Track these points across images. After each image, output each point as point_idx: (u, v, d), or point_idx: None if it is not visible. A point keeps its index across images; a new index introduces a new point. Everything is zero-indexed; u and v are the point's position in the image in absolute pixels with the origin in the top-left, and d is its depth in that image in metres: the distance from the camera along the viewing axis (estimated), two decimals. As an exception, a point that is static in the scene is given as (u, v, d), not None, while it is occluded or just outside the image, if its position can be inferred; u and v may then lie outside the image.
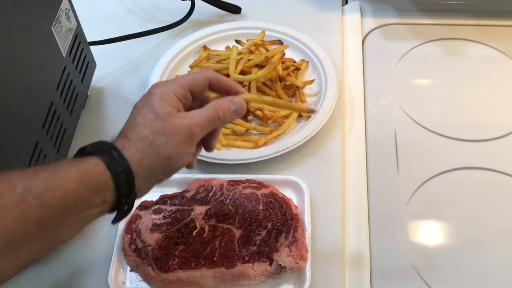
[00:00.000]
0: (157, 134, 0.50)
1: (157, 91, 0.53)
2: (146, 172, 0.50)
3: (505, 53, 0.89)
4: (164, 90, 0.53)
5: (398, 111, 0.81)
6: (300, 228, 0.64)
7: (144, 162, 0.49)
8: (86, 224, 0.48)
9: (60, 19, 0.69)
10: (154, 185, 0.52)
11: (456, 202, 0.71)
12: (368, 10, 0.98)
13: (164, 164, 0.51)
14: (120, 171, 0.48)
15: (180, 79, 0.54)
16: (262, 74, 0.76)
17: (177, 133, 0.51)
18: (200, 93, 0.56)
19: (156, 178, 0.52)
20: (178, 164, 0.52)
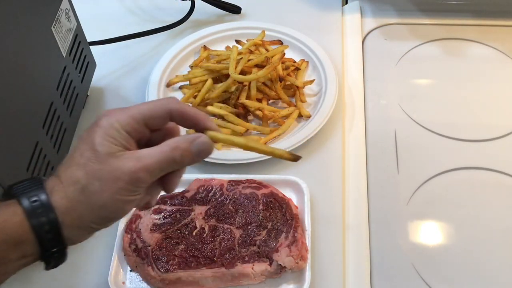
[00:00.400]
0: (92, 178, 0.42)
1: (103, 122, 0.44)
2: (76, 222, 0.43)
3: (505, 53, 0.89)
4: (112, 123, 0.44)
5: (398, 111, 0.81)
6: (300, 228, 0.64)
7: (73, 212, 0.42)
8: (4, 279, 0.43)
9: (60, 19, 0.69)
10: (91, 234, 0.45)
11: (456, 202, 0.71)
12: (368, 10, 0.98)
13: (97, 214, 0.44)
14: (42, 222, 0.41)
15: (134, 109, 0.46)
16: (262, 74, 0.76)
17: (116, 179, 0.43)
18: (159, 126, 0.47)
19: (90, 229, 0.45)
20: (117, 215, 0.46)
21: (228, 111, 0.77)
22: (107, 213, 0.45)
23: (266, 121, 0.77)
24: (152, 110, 0.46)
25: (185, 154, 0.45)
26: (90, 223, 0.44)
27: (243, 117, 0.78)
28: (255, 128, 0.76)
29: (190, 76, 0.82)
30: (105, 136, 0.43)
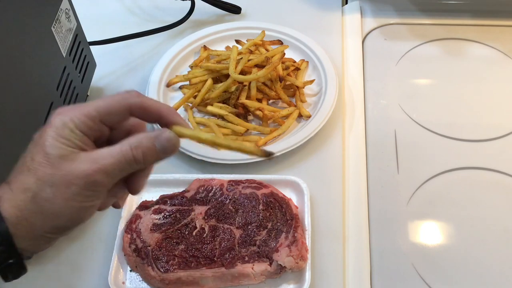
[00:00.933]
0: (43, 184, 0.39)
1: (56, 122, 0.41)
2: (29, 232, 0.40)
3: (505, 53, 0.89)
4: (65, 122, 0.41)
5: (398, 111, 0.81)
6: (300, 228, 0.64)
7: (24, 221, 0.39)
8: None
9: (60, 19, 0.69)
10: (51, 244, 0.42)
11: (456, 202, 0.71)
12: (368, 10, 0.98)
13: (51, 224, 0.41)
14: None
15: (89, 105, 0.42)
16: (262, 74, 0.76)
17: (69, 184, 0.40)
18: (118, 123, 0.44)
19: (46, 238, 0.41)
20: (73, 223, 0.42)
21: (228, 111, 0.77)
22: (62, 222, 0.41)
23: (266, 121, 0.77)
24: (108, 106, 0.42)
25: (148, 152, 0.42)
26: (44, 233, 0.41)
27: (243, 117, 0.78)
28: (255, 128, 0.76)
29: (190, 76, 0.82)
30: (57, 137, 0.40)
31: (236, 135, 0.76)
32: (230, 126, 0.76)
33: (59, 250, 0.67)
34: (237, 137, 0.76)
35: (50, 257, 0.66)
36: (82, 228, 0.69)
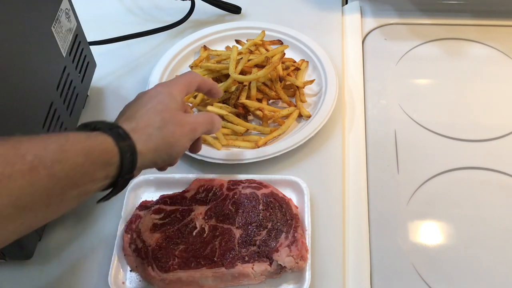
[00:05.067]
0: (167, 122, 0.55)
1: (164, 90, 0.58)
2: (151, 153, 0.53)
3: (505, 53, 0.89)
4: (171, 91, 0.58)
5: (398, 111, 0.81)
6: (300, 228, 0.64)
7: (150, 144, 0.53)
8: (85, 198, 0.48)
9: (60, 19, 0.69)
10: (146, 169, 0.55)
11: (456, 202, 0.71)
12: (368, 10, 0.98)
13: (166, 151, 0.55)
14: (127, 149, 0.50)
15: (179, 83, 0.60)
16: (262, 74, 0.76)
17: (183, 125, 0.57)
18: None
19: (154, 162, 0.55)
20: (177, 155, 0.58)
21: (228, 111, 0.77)
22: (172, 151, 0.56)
23: (266, 121, 0.77)
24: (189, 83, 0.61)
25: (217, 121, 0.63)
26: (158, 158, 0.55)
27: (243, 117, 0.78)
28: (255, 128, 0.76)
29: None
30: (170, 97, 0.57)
31: (236, 135, 0.76)
32: (230, 126, 0.76)
33: (59, 250, 0.67)
34: (237, 137, 0.76)
35: (50, 257, 0.66)
36: (82, 228, 0.69)
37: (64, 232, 0.69)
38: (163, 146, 0.55)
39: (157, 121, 0.54)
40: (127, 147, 0.50)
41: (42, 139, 0.45)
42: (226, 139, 0.75)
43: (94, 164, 0.47)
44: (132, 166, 0.51)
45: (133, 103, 0.58)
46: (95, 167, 0.48)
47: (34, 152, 0.43)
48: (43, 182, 0.43)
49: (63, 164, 0.44)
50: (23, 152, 0.43)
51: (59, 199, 0.45)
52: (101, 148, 0.48)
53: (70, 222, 0.70)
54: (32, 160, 0.42)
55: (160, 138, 0.54)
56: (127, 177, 0.51)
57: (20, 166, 0.42)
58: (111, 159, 0.49)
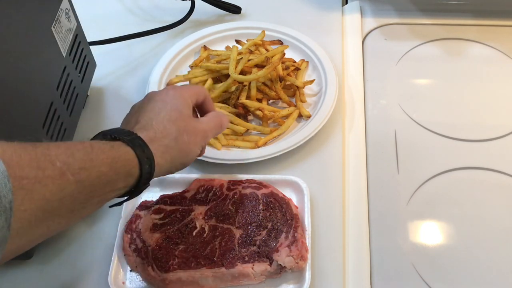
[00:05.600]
0: (182, 132, 0.56)
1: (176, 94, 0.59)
2: (167, 164, 0.55)
3: (505, 53, 0.89)
4: (183, 94, 0.60)
5: (398, 111, 0.81)
6: (300, 228, 0.64)
7: (167, 155, 0.55)
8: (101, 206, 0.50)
9: (60, 19, 0.69)
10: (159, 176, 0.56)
11: (456, 202, 0.71)
12: (368, 10, 0.98)
13: (180, 160, 0.57)
14: (146, 162, 0.52)
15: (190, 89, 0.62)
16: (262, 74, 0.76)
17: (197, 134, 0.58)
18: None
19: (168, 171, 0.57)
20: (189, 162, 0.59)
21: (228, 111, 0.77)
22: (187, 160, 0.58)
23: (266, 121, 0.77)
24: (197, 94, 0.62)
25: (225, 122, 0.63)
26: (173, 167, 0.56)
27: (243, 117, 0.78)
28: (255, 128, 0.76)
29: (190, 76, 0.82)
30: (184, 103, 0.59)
31: (236, 135, 0.76)
32: (230, 126, 0.76)
33: (59, 250, 0.67)
34: (237, 137, 0.76)
35: (50, 257, 0.66)
36: (82, 228, 0.69)
37: (64, 232, 0.69)
38: (178, 157, 0.56)
39: (173, 131, 0.56)
40: (146, 159, 0.52)
41: (69, 147, 0.47)
42: (226, 139, 0.75)
43: (117, 174, 0.49)
44: (149, 177, 0.53)
45: (145, 107, 0.58)
46: (117, 177, 0.49)
47: (62, 159, 0.44)
48: (70, 189, 0.44)
49: (89, 172, 0.46)
50: (52, 158, 0.44)
51: (82, 205, 0.47)
52: (123, 159, 0.50)
53: (70, 222, 0.70)
54: (61, 167, 0.44)
55: (176, 149, 0.56)
56: (143, 188, 0.53)
57: (50, 171, 0.43)
58: (131, 170, 0.51)
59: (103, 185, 0.48)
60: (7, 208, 0.38)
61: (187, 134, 0.57)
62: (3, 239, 0.39)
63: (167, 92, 0.60)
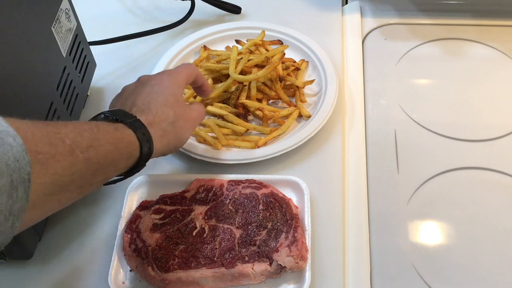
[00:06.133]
0: (178, 117, 0.60)
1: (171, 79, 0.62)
2: (164, 147, 0.59)
3: (505, 53, 0.89)
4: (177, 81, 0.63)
5: (398, 111, 0.81)
6: (300, 228, 0.64)
7: (164, 139, 0.58)
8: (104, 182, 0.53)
9: (60, 19, 0.69)
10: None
11: (456, 202, 0.71)
12: (368, 10, 0.98)
13: (175, 143, 0.61)
14: (145, 145, 0.55)
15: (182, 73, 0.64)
16: (262, 74, 0.76)
17: (189, 120, 0.63)
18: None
19: (163, 154, 0.60)
20: (181, 146, 0.64)
21: (228, 111, 0.77)
22: (179, 144, 0.63)
23: (266, 121, 0.77)
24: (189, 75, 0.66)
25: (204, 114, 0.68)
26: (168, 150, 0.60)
27: (243, 117, 0.78)
28: (255, 128, 0.76)
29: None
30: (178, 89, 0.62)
31: (236, 135, 0.76)
32: (230, 126, 0.76)
33: (59, 250, 0.67)
34: (237, 137, 0.76)
35: (50, 257, 0.66)
36: (82, 228, 0.69)
37: (64, 232, 0.69)
38: (173, 140, 0.60)
39: (170, 116, 0.59)
40: (146, 142, 0.55)
41: (76, 126, 0.49)
42: (226, 139, 0.75)
43: (121, 154, 0.53)
44: (147, 159, 0.56)
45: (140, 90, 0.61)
46: (120, 157, 0.53)
47: (72, 137, 0.47)
48: (80, 165, 0.47)
49: (96, 150, 0.49)
50: (62, 136, 0.46)
51: (89, 182, 0.50)
52: (126, 140, 0.53)
53: (70, 222, 0.70)
54: (71, 144, 0.46)
55: (173, 133, 0.59)
56: (139, 169, 0.57)
57: (61, 148, 0.45)
58: (133, 151, 0.54)
59: (108, 164, 0.51)
60: (25, 179, 0.40)
61: (182, 119, 0.61)
62: (21, 209, 0.41)
63: (161, 77, 0.62)
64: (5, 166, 0.39)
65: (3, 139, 0.39)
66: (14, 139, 0.40)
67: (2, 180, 0.38)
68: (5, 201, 0.39)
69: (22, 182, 0.40)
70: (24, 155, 0.40)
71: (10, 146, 0.40)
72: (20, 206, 0.40)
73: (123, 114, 0.56)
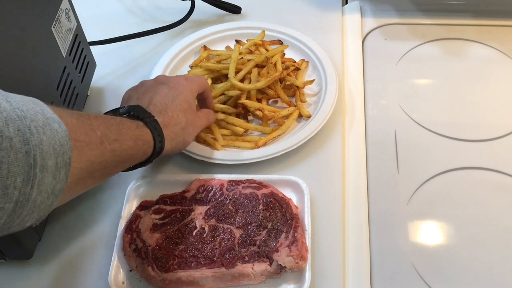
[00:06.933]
0: (189, 124, 0.64)
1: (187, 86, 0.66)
2: (171, 149, 0.62)
3: (505, 53, 0.89)
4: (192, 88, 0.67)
5: (398, 111, 0.81)
6: (300, 228, 0.64)
7: (173, 142, 0.62)
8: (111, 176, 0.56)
9: (60, 19, 0.69)
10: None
11: (456, 202, 0.71)
12: (368, 10, 0.98)
13: (180, 147, 0.64)
14: (158, 144, 0.59)
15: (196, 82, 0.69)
16: (260, 86, 0.76)
17: (197, 127, 0.67)
18: None
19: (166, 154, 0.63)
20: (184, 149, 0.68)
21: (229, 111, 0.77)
22: (183, 147, 0.66)
23: (266, 121, 0.77)
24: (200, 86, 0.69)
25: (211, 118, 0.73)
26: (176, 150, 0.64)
27: (243, 117, 0.78)
28: (257, 129, 0.76)
29: (190, 75, 0.82)
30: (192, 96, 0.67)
31: (236, 136, 0.76)
32: (231, 127, 0.76)
33: (59, 250, 0.67)
34: (237, 138, 0.76)
35: (50, 257, 0.66)
36: (82, 228, 0.69)
37: (64, 232, 0.69)
38: (180, 144, 0.64)
39: (183, 121, 0.63)
40: (159, 142, 0.59)
41: (105, 120, 0.53)
42: (226, 140, 0.75)
43: (138, 150, 0.56)
44: (156, 157, 0.60)
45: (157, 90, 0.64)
46: (138, 153, 0.57)
47: (101, 129, 0.51)
48: (107, 156, 0.51)
49: (120, 144, 0.53)
50: (94, 127, 0.50)
51: (110, 172, 0.54)
52: (144, 138, 0.57)
53: (70, 222, 0.70)
54: (101, 136, 0.50)
55: (181, 137, 0.63)
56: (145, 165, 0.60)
57: (94, 138, 0.49)
58: (147, 149, 0.58)
59: (127, 158, 0.55)
60: (67, 163, 0.44)
61: (191, 126, 0.65)
62: (61, 190, 0.44)
63: (179, 81, 0.66)
64: (52, 149, 0.43)
65: (51, 125, 0.43)
66: (60, 126, 0.44)
67: (50, 161, 0.42)
68: (50, 181, 0.43)
69: (64, 165, 0.44)
70: (67, 140, 0.44)
71: (56, 131, 0.43)
72: (60, 187, 0.44)
73: (143, 112, 0.59)
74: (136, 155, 0.57)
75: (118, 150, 0.53)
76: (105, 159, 0.51)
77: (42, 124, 0.43)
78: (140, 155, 0.57)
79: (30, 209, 0.42)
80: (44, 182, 0.42)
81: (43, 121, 0.43)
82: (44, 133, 0.42)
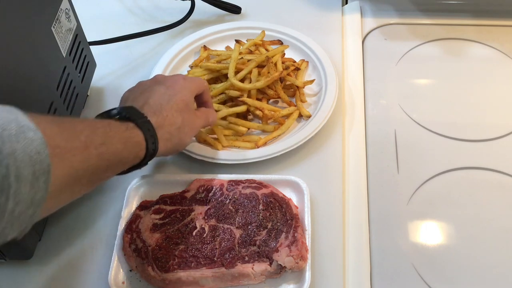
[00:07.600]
0: (185, 124, 0.62)
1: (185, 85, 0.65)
2: (166, 150, 0.61)
3: (505, 53, 0.89)
4: (191, 88, 0.65)
5: (398, 111, 0.81)
6: (300, 228, 0.64)
7: (168, 143, 0.60)
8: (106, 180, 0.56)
9: (60, 19, 0.69)
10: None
11: (456, 202, 0.71)
12: (368, 10, 0.98)
13: (176, 148, 0.63)
14: (152, 146, 0.57)
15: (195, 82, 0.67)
16: (259, 86, 0.76)
17: (194, 127, 0.65)
18: None
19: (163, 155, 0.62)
20: (182, 150, 0.68)
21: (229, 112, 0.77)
22: (180, 147, 0.65)
23: (266, 120, 0.77)
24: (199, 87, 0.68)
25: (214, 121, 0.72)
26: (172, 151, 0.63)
27: (243, 117, 0.78)
28: (258, 127, 0.76)
29: (190, 76, 0.82)
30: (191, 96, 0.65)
31: (237, 136, 0.76)
32: (232, 127, 0.76)
33: (59, 250, 0.67)
34: (237, 138, 0.76)
35: (50, 257, 0.66)
36: (82, 228, 0.69)
37: (64, 232, 0.69)
38: (176, 145, 0.62)
39: (179, 121, 0.61)
40: (152, 144, 0.57)
41: (91, 123, 0.52)
42: (226, 140, 0.75)
43: (129, 153, 0.55)
44: (150, 159, 0.59)
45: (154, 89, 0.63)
46: (128, 155, 0.55)
47: (86, 134, 0.50)
48: (93, 161, 0.49)
49: (108, 147, 0.51)
50: (78, 132, 0.49)
51: (99, 177, 0.53)
52: (135, 141, 0.56)
53: (70, 222, 0.70)
54: (85, 140, 0.49)
55: (177, 138, 0.62)
56: (140, 167, 0.59)
57: (77, 143, 0.48)
58: (139, 152, 0.56)
59: (117, 162, 0.54)
60: (46, 171, 0.43)
61: (188, 126, 0.63)
62: (42, 199, 0.43)
63: (176, 81, 0.65)
64: (28, 157, 0.41)
65: (25, 133, 0.42)
66: (35, 133, 0.43)
67: (26, 170, 0.41)
68: (28, 191, 0.41)
69: (43, 174, 0.42)
70: (44, 148, 0.43)
71: (31, 139, 0.42)
72: (41, 196, 0.43)
73: (135, 113, 0.58)
74: (127, 158, 0.55)
75: (106, 154, 0.51)
76: (91, 164, 0.49)
77: (16, 132, 0.41)
78: (132, 157, 0.56)
79: (8, 221, 0.40)
80: (21, 191, 0.40)
81: (16, 129, 0.41)
82: (17, 141, 0.41)
